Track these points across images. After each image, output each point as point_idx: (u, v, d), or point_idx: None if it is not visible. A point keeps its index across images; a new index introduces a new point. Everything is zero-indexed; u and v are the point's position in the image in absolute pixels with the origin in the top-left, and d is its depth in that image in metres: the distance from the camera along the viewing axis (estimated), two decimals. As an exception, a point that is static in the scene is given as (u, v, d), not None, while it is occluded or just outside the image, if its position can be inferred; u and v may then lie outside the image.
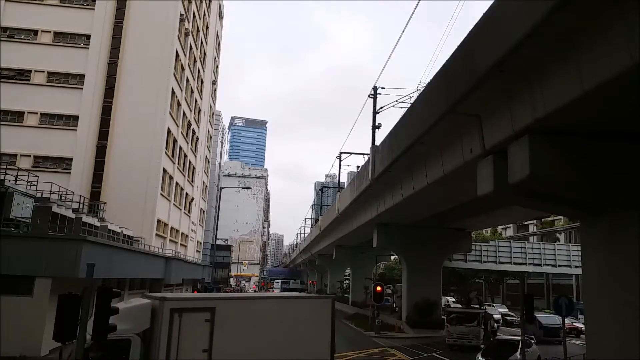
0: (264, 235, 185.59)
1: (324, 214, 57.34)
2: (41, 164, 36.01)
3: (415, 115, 17.48)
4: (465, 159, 14.84)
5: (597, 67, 8.52)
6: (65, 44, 38.47)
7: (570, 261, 46.37)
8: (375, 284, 33.83)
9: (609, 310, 11.66)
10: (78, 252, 18.55)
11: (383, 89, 30.90)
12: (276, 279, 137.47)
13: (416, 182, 20.59)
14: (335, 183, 75.68)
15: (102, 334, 8.10)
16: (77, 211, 26.42)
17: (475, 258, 46.04)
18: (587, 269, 13.03)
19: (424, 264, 32.93)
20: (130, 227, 32.82)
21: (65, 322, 7.86)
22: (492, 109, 12.62)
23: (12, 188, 20.31)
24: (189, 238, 51.39)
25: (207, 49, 56.85)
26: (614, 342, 11.45)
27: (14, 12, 37.96)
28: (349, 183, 36.15)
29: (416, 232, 31.92)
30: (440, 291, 34.20)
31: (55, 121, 37.35)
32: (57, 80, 37.87)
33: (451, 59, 13.36)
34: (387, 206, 26.24)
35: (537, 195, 12.59)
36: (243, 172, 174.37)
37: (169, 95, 39.01)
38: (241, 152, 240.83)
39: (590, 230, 12.69)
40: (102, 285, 8.63)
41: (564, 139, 10.88)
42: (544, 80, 10.23)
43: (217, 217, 43.53)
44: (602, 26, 8.20)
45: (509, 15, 10.02)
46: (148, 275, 31.37)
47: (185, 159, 47.28)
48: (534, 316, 16.64)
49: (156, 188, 37.02)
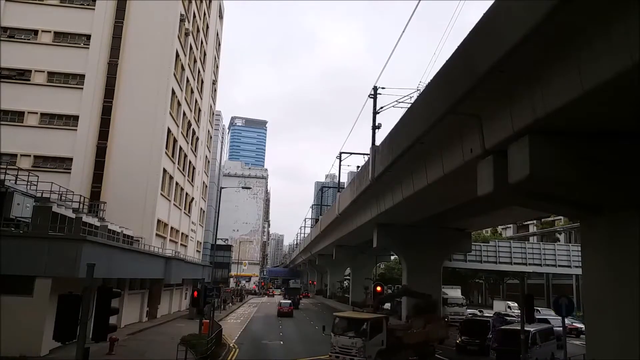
0: (264, 235, 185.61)
1: (324, 214, 57.35)
2: (41, 164, 36.00)
3: (415, 115, 17.48)
4: (466, 159, 14.85)
5: (597, 67, 8.52)
6: (65, 44, 38.46)
7: (570, 261, 46.41)
8: (375, 284, 33.84)
9: (609, 310, 11.66)
10: (78, 252, 18.53)
11: (383, 89, 30.84)
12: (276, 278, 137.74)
13: (416, 182, 20.59)
14: (335, 183, 75.68)
15: (102, 334, 8.11)
16: (77, 211, 26.40)
17: (475, 258, 46.09)
18: (587, 269, 13.04)
19: (424, 264, 32.89)
20: (130, 227, 32.81)
21: (65, 322, 7.87)
22: (492, 109, 12.62)
23: (12, 188, 20.29)
24: (189, 238, 51.39)
25: (207, 49, 56.84)
26: (614, 342, 11.46)
27: (14, 12, 37.95)
28: (349, 183, 36.16)
29: (416, 232, 31.90)
30: (440, 291, 34.19)
31: (55, 121, 37.35)
32: (57, 80, 37.86)
33: (451, 59, 13.35)
34: (387, 206, 26.24)
35: (537, 196, 12.60)
36: (243, 172, 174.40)
37: (169, 95, 39.00)
38: (241, 152, 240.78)
39: (591, 230, 12.70)
40: (102, 285, 8.63)
41: (564, 139, 10.89)
42: (544, 80, 10.23)
43: (217, 217, 43.48)
44: (602, 26, 8.21)
45: (509, 15, 10.02)
46: (148, 275, 31.38)
47: (185, 159, 47.27)
48: (533, 316, 16.64)
49: (156, 188, 37.01)
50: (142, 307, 33.53)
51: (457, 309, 40.02)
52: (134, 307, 31.79)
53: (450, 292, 41.72)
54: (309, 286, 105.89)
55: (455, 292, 43.00)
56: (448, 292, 41.09)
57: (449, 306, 39.61)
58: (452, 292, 42.18)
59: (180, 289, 44.81)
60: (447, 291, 41.10)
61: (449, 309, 39.44)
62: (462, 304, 41.44)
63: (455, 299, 40.96)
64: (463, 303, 41.73)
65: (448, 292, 41.09)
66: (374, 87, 30.73)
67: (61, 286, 16.28)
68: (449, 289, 42.41)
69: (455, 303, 40.44)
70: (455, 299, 41.03)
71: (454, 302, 40.39)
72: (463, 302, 41.85)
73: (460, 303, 40.99)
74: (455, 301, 40.71)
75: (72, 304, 7.98)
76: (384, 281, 45.88)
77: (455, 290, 43.35)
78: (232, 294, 63.53)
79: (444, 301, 37.50)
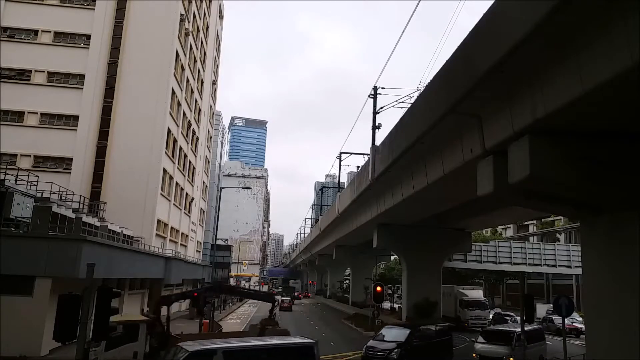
0: (264, 236, 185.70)
1: (324, 214, 57.35)
2: (41, 164, 35.99)
3: (415, 115, 17.48)
4: (466, 159, 14.85)
5: (597, 67, 8.52)
6: (65, 44, 38.44)
7: (570, 261, 46.37)
8: (375, 284, 33.84)
9: (609, 310, 11.67)
10: (78, 252, 18.54)
11: (383, 89, 30.87)
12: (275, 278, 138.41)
13: (416, 182, 20.59)
14: (335, 183, 75.72)
15: (102, 334, 8.11)
16: (77, 211, 26.40)
17: (475, 258, 46.02)
18: (587, 269, 13.04)
19: (424, 264, 32.93)
20: (130, 227, 32.82)
21: (65, 322, 7.87)
22: (492, 109, 12.62)
23: (12, 188, 20.28)
24: (189, 238, 51.39)
25: (207, 49, 56.84)
26: (614, 342, 11.46)
27: (14, 12, 37.94)
28: (349, 183, 36.14)
29: (416, 232, 31.92)
30: (440, 291, 34.18)
31: (55, 121, 37.33)
32: (57, 80, 37.85)
33: (451, 59, 13.36)
34: (387, 206, 26.24)
35: (537, 196, 12.60)
36: (243, 172, 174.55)
37: (169, 95, 39.00)
38: (241, 152, 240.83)
39: (590, 230, 12.70)
40: (102, 285, 8.64)
41: (564, 139, 10.89)
42: (544, 80, 10.23)
43: (217, 217, 43.50)
44: (602, 26, 8.21)
45: (509, 16, 10.03)
46: (148, 275, 31.39)
47: (186, 159, 47.27)
48: (533, 317, 16.65)
49: (156, 188, 37.01)
50: (142, 307, 33.52)
51: (479, 313, 35.21)
52: (134, 307, 31.79)
53: (471, 293, 37.32)
54: (309, 286, 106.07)
55: (477, 293, 38.51)
56: (468, 293, 37.03)
57: (469, 309, 35.32)
58: (472, 293, 37.74)
59: (180, 289, 44.81)
60: (467, 292, 37.51)
61: (469, 312, 35.15)
62: (485, 307, 36.49)
63: (476, 302, 36.02)
64: (486, 306, 36.88)
65: (468, 293, 37.03)
66: (374, 87, 30.73)
67: (61, 286, 16.29)
68: (469, 289, 38.90)
69: (476, 306, 35.64)
70: (476, 302, 36.08)
71: (474, 305, 35.64)
72: (486, 305, 37.02)
73: (482, 306, 36.03)
74: (477, 304, 35.84)
75: (72, 304, 7.99)
76: (384, 281, 45.83)
77: (477, 291, 39.04)
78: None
79: (463, 303, 35.46)
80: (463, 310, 35.39)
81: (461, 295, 36.33)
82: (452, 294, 36.96)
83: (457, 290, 37.35)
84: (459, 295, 36.42)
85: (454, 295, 36.79)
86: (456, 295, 36.65)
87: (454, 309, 36.10)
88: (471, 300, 35.96)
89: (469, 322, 34.25)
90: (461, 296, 36.27)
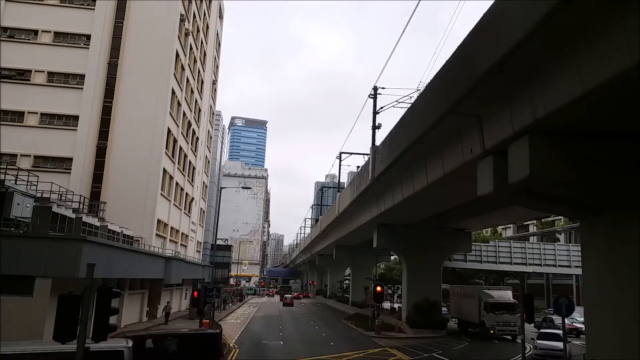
0: (264, 236, 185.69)
1: (324, 214, 57.36)
2: (41, 164, 35.97)
3: (415, 115, 17.48)
4: (466, 159, 14.85)
5: (597, 67, 8.52)
6: (65, 44, 38.43)
7: (570, 261, 46.39)
8: (375, 284, 33.87)
9: (609, 310, 11.67)
10: (78, 252, 18.54)
11: (383, 89, 30.92)
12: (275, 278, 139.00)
13: (416, 182, 20.59)
14: (335, 183, 75.71)
15: (102, 334, 8.10)
16: (77, 211, 26.40)
17: (475, 258, 46.05)
18: (587, 269, 13.04)
19: (424, 264, 32.93)
20: (130, 227, 32.82)
21: (65, 322, 7.86)
22: (492, 109, 12.63)
23: (12, 188, 20.26)
24: (189, 238, 51.38)
25: (207, 49, 56.83)
26: (614, 342, 11.46)
27: (14, 12, 37.92)
28: (349, 183, 36.13)
29: (416, 232, 31.92)
30: (440, 291, 34.17)
31: (55, 121, 37.33)
32: (57, 80, 37.85)
33: (451, 59, 13.36)
34: (387, 206, 26.25)
35: (537, 196, 12.60)
36: (243, 172, 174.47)
37: (169, 95, 39.00)
38: (241, 152, 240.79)
39: (590, 230, 12.70)
40: (102, 285, 8.63)
41: (564, 139, 10.89)
42: (544, 80, 10.23)
43: (217, 217, 43.44)
44: (602, 26, 8.21)
45: (509, 15, 10.02)
46: (148, 275, 31.38)
47: (186, 159, 47.27)
48: (533, 316, 16.62)
49: (156, 188, 37.01)
50: (142, 307, 33.56)
51: (508, 317, 29.75)
52: (134, 307, 31.82)
53: (498, 295, 31.70)
54: (309, 286, 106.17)
55: (505, 293, 32.36)
56: (495, 295, 31.50)
57: (495, 313, 30.12)
58: (500, 293, 32.06)
59: (180, 289, 44.84)
60: (494, 292, 31.97)
61: (497, 317, 29.97)
62: (515, 310, 29.31)
63: (505, 304, 30.53)
64: (516, 309, 29.09)
65: (495, 295, 31.50)
66: (374, 87, 30.76)
67: (61, 286, 16.24)
68: (495, 289, 33.52)
69: (504, 309, 30.24)
70: (505, 304, 30.57)
71: (502, 308, 30.30)
72: (516, 308, 29.24)
73: (511, 309, 30.08)
74: (505, 307, 30.37)
75: (72, 304, 7.97)
76: (384, 281, 45.89)
77: (505, 292, 32.82)
78: (232, 294, 63.56)
79: (488, 307, 30.39)
80: (488, 314, 30.25)
81: (486, 297, 31.06)
82: (475, 296, 32.40)
83: (482, 292, 32.30)
84: (484, 297, 31.21)
85: (477, 297, 31.94)
86: (480, 296, 31.59)
87: (478, 313, 31.46)
88: (499, 302, 30.66)
89: (496, 328, 29.72)
90: (486, 298, 31.00)
